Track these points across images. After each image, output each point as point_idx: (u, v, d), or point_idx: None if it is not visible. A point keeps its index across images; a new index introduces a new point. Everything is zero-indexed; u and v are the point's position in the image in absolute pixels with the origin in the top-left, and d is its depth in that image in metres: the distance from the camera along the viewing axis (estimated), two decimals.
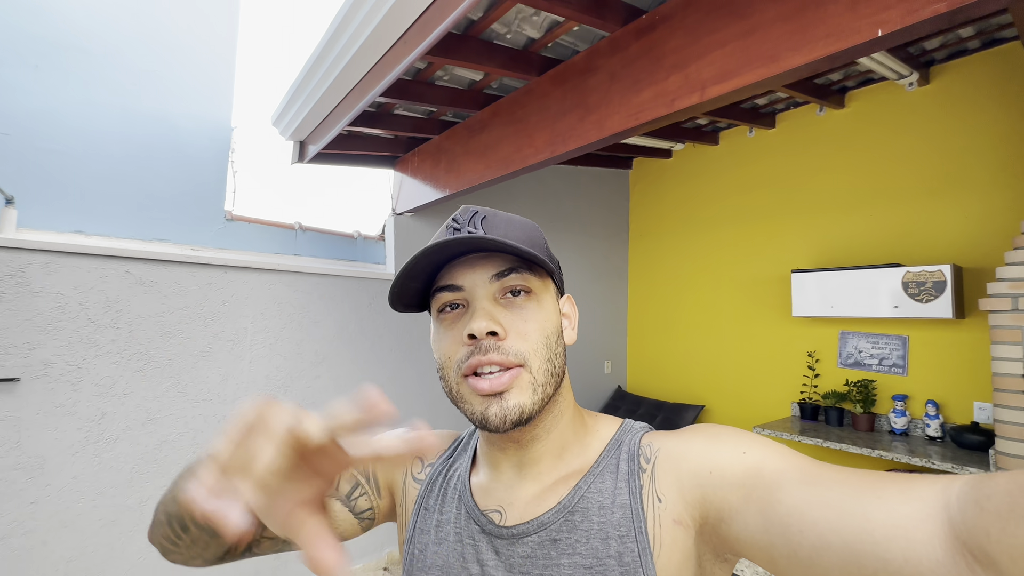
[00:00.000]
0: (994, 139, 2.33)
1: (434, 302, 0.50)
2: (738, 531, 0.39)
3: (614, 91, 1.50)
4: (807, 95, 2.61)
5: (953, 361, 2.42)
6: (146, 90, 2.17)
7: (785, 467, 0.39)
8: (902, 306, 2.39)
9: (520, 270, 0.47)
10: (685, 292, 3.56)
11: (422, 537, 0.53)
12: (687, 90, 1.28)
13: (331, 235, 2.70)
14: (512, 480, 0.50)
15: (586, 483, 0.47)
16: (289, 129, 2.36)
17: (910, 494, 0.32)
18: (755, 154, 3.21)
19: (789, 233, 3.01)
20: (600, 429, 0.53)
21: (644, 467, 0.47)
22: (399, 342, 2.78)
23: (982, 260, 2.32)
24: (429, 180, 2.53)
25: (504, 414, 0.44)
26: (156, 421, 2.03)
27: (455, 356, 0.46)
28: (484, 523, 0.49)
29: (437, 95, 2.05)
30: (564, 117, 1.68)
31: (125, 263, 1.98)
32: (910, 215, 2.56)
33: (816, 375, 2.85)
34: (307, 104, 2.08)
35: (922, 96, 2.55)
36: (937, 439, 2.38)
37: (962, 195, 2.40)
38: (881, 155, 2.67)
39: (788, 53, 1.12)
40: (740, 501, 0.39)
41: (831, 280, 2.64)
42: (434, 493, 0.55)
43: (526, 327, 0.46)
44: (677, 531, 0.43)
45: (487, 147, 2.08)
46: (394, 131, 2.41)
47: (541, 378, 0.46)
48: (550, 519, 0.46)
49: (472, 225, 0.48)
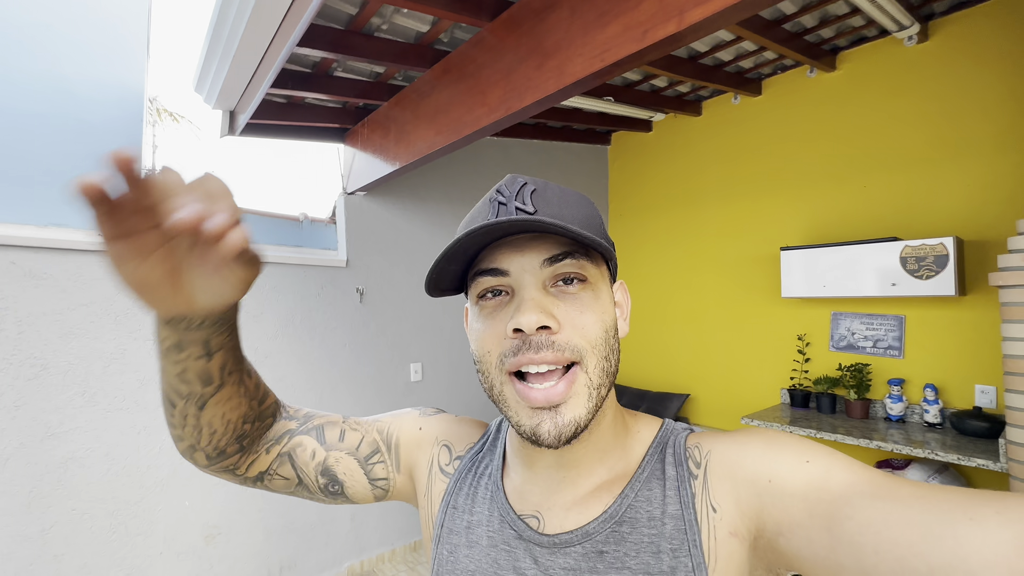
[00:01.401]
0: (1000, 98, 2.12)
1: (473, 286, 0.44)
2: (798, 547, 0.36)
3: (575, 29, 1.24)
4: (797, 54, 2.37)
5: (954, 342, 2.24)
6: (36, 47, 1.84)
7: (855, 479, 0.36)
8: (900, 283, 2.19)
9: (576, 255, 0.42)
10: (668, 274, 3.34)
11: (451, 538, 0.49)
12: (662, 17, 1.03)
13: (274, 218, 2.41)
14: (549, 483, 0.46)
15: (632, 490, 0.44)
16: (213, 95, 2.05)
17: (1009, 515, 0.28)
18: (741, 123, 2.97)
19: (778, 208, 2.80)
20: (641, 430, 0.49)
21: (695, 473, 0.43)
22: (355, 336, 2.51)
23: (987, 231, 2.13)
24: (379, 152, 2.24)
25: (559, 431, 0.40)
26: (58, 436, 1.74)
27: (497, 350, 0.42)
28: (521, 529, 0.46)
29: (378, 49, 1.76)
30: (519, 67, 1.42)
31: (9, 252, 1.68)
32: (908, 185, 2.35)
33: (807, 360, 2.66)
34: (224, 62, 1.78)
35: (921, 53, 2.33)
36: (936, 425, 2.21)
37: (965, 161, 2.20)
38: (876, 120, 2.45)
39: None
40: (803, 514, 0.36)
41: (823, 257, 2.44)
42: (464, 491, 0.51)
43: (583, 319, 0.41)
44: (733, 544, 0.40)
45: (437, 110, 1.80)
46: (339, 96, 2.12)
47: (597, 379, 0.41)
48: (595, 529, 0.43)
49: (520, 199, 0.42)
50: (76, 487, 1.77)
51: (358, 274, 2.53)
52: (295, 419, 0.55)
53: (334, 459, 0.54)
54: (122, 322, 1.88)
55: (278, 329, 2.26)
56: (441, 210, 2.87)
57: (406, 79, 2.12)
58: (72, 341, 1.78)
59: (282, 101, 2.25)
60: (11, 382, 1.67)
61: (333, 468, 0.54)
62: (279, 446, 0.53)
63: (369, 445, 0.56)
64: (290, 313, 2.30)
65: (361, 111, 2.45)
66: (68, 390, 1.77)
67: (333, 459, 0.54)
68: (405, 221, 2.73)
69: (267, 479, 0.53)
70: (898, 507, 0.32)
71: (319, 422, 0.56)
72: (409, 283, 2.72)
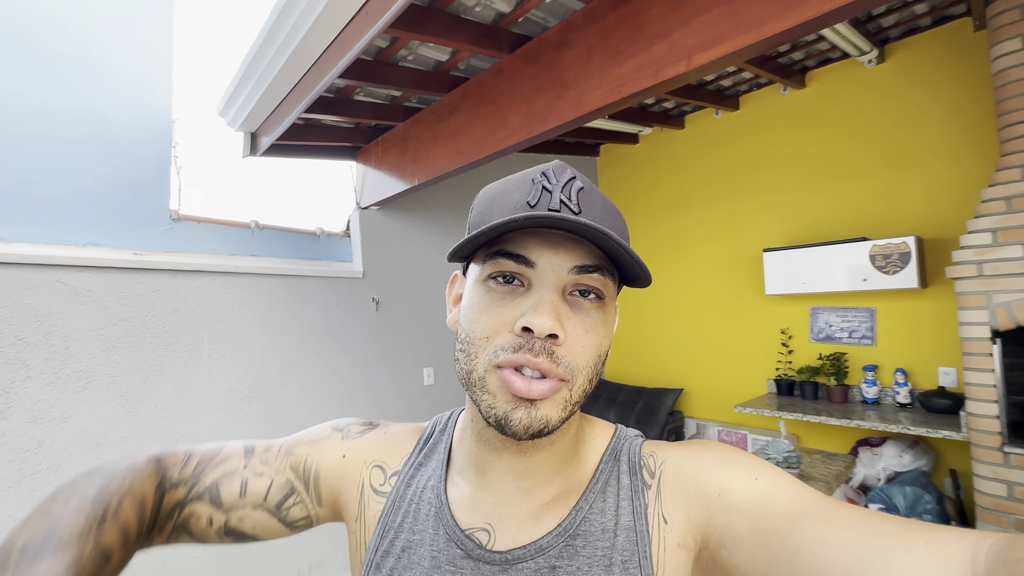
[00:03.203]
0: (949, 113, 2.40)
1: (488, 263, 0.41)
2: (739, 560, 0.37)
3: (593, 64, 1.43)
4: (770, 74, 2.63)
5: (919, 329, 2.50)
6: (69, 78, 1.93)
7: (797, 499, 0.37)
8: (870, 279, 2.44)
9: (605, 271, 0.41)
10: (659, 277, 3.56)
11: (387, 562, 0.45)
12: (672, 59, 1.22)
13: (291, 233, 2.52)
14: (504, 492, 0.44)
15: (587, 502, 0.43)
16: (238, 119, 2.17)
17: (936, 546, 0.30)
18: (722, 136, 3.23)
19: (759, 213, 3.05)
20: (595, 437, 0.48)
21: (649, 483, 0.43)
22: (372, 343, 2.63)
23: (943, 230, 2.40)
24: (395, 170, 2.39)
25: (529, 423, 0.38)
26: (103, 446, 1.82)
27: (495, 339, 0.39)
28: (470, 547, 0.43)
29: (401, 77, 1.92)
30: (540, 95, 1.60)
31: (56, 271, 1.76)
32: (874, 190, 2.62)
33: (790, 351, 2.90)
34: (257, 90, 1.91)
35: (879, 73, 2.61)
36: (907, 405, 2.46)
37: (922, 169, 2.48)
38: (843, 132, 2.72)
39: (775, 17, 1.07)
40: (746, 529, 0.37)
41: (802, 257, 2.69)
42: (402, 510, 0.48)
43: (586, 338, 0.40)
44: (680, 555, 0.41)
45: (457, 131, 1.97)
46: (355, 118, 2.26)
47: (576, 397, 0.40)
48: (549, 543, 0.42)
49: (567, 193, 0.40)
50: None
51: (373, 284, 2.66)
52: (181, 484, 0.49)
53: (237, 519, 0.49)
54: (159, 335, 1.97)
55: (302, 338, 2.38)
56: (447, 221, 3.03)
57: (421, 101, 2.28)
58: (114, 355, 1.87)
59: (301, 123, 2.38)
60: (59, 395, 1.75)
61: (238, 528, 0.50)
62: (171, 522, 0.48)
63: (281, 489, 0.51)
64: (313, 323, 2.42)
65: (373, 130, 2.59)
66: (112, 401, 1.85)
67: (236, 519, 0.49)
68: (415, 233, 2.88)
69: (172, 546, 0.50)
70: (835, 530, 0.33)
71: (212, 479, 0.50)
72: (420, 291, 2.86)
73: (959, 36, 2.38)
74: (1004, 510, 1.85)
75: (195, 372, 2.05)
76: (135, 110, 2.08)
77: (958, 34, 2.38)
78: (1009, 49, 1.95)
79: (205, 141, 2.35)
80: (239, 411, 2.16)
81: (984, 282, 1.91)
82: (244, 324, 2.20)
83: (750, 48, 1.11)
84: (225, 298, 2.16)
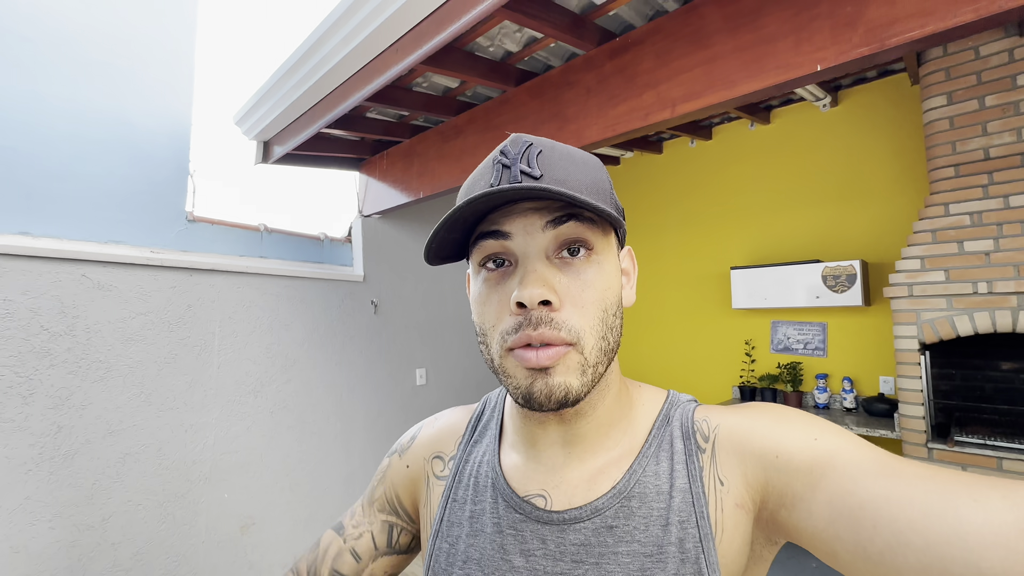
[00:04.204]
0: (889, 154, 2.76)
1: (476, 251, 0.43)
2: (798, 520, 0.37)
3: (591, 104, 1.66)
4: (739, 111, 2.94)
5: (863, 342, 2.83)
6: (98, 83, 2.05)
7: (861, 458, 0.36)
8: (822, 296, 2.76)
9: (579, 218, 0.40)
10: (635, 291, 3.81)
11: (452, 530, 0.48)
12: (659, 106, 1.46)
13: (297, 237, 2.66)
14: (555, 460, 0.46)
15: (640, 465, 0.44)
16: (255, 130, 2.32)
17: (1015, 500, 0.29)
18: (696, 163, 3.53)
19: (727, 234, 3.35)
20: (646, 402, 0.48)
21: (703, 446, 0.43)
22: (369, 343, 2.78)
23: (883, 255, 2.74)
24: (399, 183, 2.57)
25: (549, 391, 0.39)
26: (117, 433, 1.92)
27: (500, 326, 0.41)
28: (528, 510, 0.44)
29: (413, 100, 2.12)
30: (542, 126, 1.82)
31: (81, 266, 1.87)
32: (826, 218, 2.95)
33: (752, 361, 3.19)
34: (279, 106, 2.07)
35: (833, 116, 2.96)
36: (852, 410, 2.77)
37: (866, 201, 2.82)
38: (801, 166, 3.06)
39: (745, 80, 1.33)
40: (806, 489, 0.37)
41: (764, 275, 2.99)
42: (463, 483, 0.50)
43: (583, 296, 0.40)
44: (739, 515, 0.41)
45: (463, 152, 2.17)
46: (363, 133, 2.44)
47: (593, 358, 0.40)
48: (605, 504, 0.42)
49: (526, 161, 0.40)
50: (132, 480, 1.95)
51: (373, 288, 2.82)
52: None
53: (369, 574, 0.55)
54: (174, 330, 2.08)
55: (305, 337, 2.51)
56: None
57: (427, 121, 2.47)
58: (132, 346, 1.97)
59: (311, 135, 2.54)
60: (79, 383, 1.84)
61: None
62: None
63: (382, 532, 0.56)
64: (315, 322, 2.56)
65: (377, 144, 2.77)
66: (128, 391, 1.95)
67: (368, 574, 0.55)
68: (413, 241, 3.05)
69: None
70: (900, 485, 0.32)
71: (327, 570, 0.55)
72: (415, 296, 3.03)
73: (899, 88, 2.74)
74: None
75: (206, 366, 2.17)
76: (157, 115, 2.21)
77: (898, 86, 2.75)
78: (936, 104, 2.30)
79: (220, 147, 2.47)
80: (245, 404, 2.28)
81: (914, 301, 2.23)
82: (252, 322, 2.32)
83: (723, 103, 1.36)
84: (236, 296, 2.28)
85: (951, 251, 2.16)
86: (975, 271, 2.08)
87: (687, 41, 1.45)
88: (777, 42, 1.26)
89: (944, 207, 2.23)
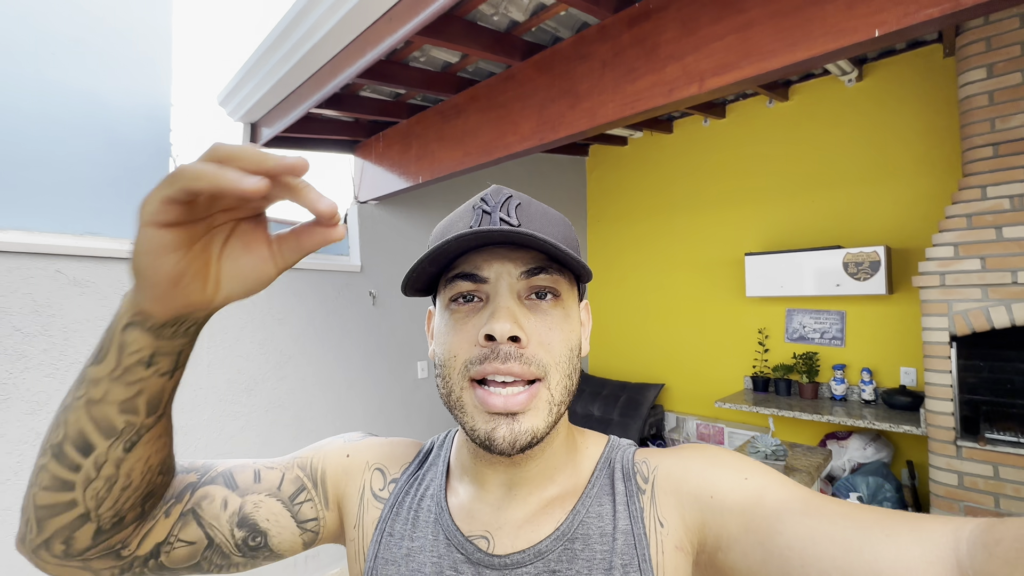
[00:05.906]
0: (918, 133, 2.59)
1: (447, 288, 0.43)
2: (735, 560, 0.38)
3: (607, 79, 1.50)
4: (756, 86, 2.76)
5: (884, 332, 2.70)
6: (69, 62, 1.88)
7: (787, 497, 0.38)
8: (843, 284, 2.62)
9: (551, 270, 0.42)
10: (643, 276, 3.69)
11: (387, 568, 0.46)
12: (685, 81, 1.31)
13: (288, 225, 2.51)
14: (500, 500, 0.45)
15: (584, 506, 0.44)
16: (240, 110, 2.15)
17: (921, 534, 0.32)
18: (708, 143, 3.36)
19: (741, 218, 3.20)
20: (589, 446, 0.49)
21: (643, 487, 0.44)
22: (368, 336, 2.66)
23: (909, 241, 2.60)
24: (397, 167, 2.41)
25: (514, 438, 0.39)
26: None
27: (464, 356, 0.41)
28: (470, 551, 0.43)
29: (410, 77, 1.95)
30: (552, 104, 1.66)
31: (54, 261, 1.73)
32: (848, 201, 2.80)
33: (766, 350, 3.08)
34: (264, 84, 1.91)
35: (857, 92, 2.78)
36: (871, 402, 2.66)
37: (892, 183, 2.66)
38: (821, 145, 2.89)
39: (785, 50, 1.17)
40: (739, 530, 0.38)
41: (780, 262, 2.85)
42: (401, 516, 0.48)
43: (550, 336, 0.41)
44: (679, 558, 0.41)
45: (465, 133, 2.01)
46: (357, 114, 2.27)
47: (558, 396, 0.41)
48: (548, 547, 0.42)
49: (505, 211, 0.42)
50: None
51: (370, 278, 2.68)
52: (194, 471, 0.48)
53: (252, 504, 0.47)
54: None
55: (300, 331, 2.39)
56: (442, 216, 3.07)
57: (425, 100, 2.30)
58: None
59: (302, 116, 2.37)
60: (58, 387, 1.73)
61: (252, 516, 0.47)
62: (180, 504, 0.45)
63: (292, 483, 0.50)
64: (311, 316, 2.43)
65: (372, 125, 2.60)
66: None
67: (251, 504, 0.47)
68: (412, 228, 2.91)
69: (164, 551, 0.44)
70: (824, 524, 0.35)
71: (224, 468, 0.49)
72: None
73: (930, 60, 2.56)
74: (955, 498, 2.06)
75: (194, 364, 2.05)
76: (134, 96, 2.04)
77: (929, 59, 2.56)
78: (975, 78, 2.13)
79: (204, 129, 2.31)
80: (238, 403, 2.17)
81: (945, 291, 2.09)
82: (243, 316, 2.20)
83: (760, 77, 1.21)
84: None
85: (988, 237, 2.02)
86: (1015, 259, 1.94)
87: (717, 5, 1.28)
88: (826, 4, 1.09)
89: (981, 190, 2.08)
